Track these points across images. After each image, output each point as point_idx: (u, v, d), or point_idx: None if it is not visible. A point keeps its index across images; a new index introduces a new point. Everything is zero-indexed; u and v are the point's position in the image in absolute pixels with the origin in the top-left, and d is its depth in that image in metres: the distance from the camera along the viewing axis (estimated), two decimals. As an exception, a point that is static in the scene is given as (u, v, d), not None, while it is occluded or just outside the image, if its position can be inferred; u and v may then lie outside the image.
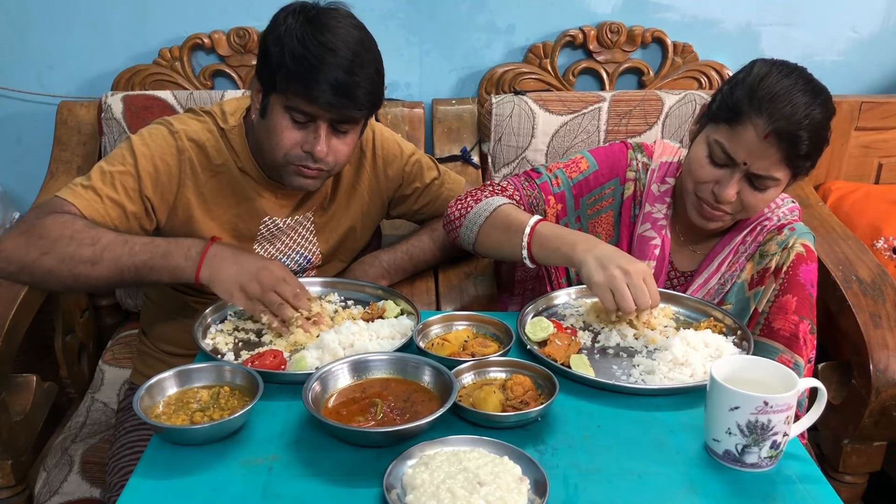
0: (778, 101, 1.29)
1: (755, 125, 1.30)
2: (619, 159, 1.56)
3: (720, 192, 1.37)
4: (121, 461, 1.48)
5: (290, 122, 1.37)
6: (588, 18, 2.19)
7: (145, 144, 1.44)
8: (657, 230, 1.51)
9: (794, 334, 1.36)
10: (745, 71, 1.37)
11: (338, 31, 1.32)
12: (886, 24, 2.27)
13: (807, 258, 1.41)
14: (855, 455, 1.73)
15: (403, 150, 1.66)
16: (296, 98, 1.34)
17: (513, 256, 1.41)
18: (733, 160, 1.34)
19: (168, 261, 1.33)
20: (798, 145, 1.30)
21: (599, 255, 1.28)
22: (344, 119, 1.38)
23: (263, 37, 1.38)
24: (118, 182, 1.40)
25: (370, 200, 1.65)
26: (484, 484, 0.93)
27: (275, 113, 1.38)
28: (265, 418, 1.12)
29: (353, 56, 1.32)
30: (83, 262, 1.30)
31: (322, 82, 1.31)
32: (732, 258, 1.49)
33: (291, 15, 1.34)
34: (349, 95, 1.33)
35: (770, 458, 1.03)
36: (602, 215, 1.57)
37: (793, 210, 1.50)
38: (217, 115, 1.51)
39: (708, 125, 1.39)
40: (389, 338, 1.30)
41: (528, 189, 1.54)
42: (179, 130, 1.46)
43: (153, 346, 1.65)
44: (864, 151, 2.23)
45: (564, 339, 1.29)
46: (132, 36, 2.16)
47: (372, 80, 1.36)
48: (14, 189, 2.27)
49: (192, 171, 1.47)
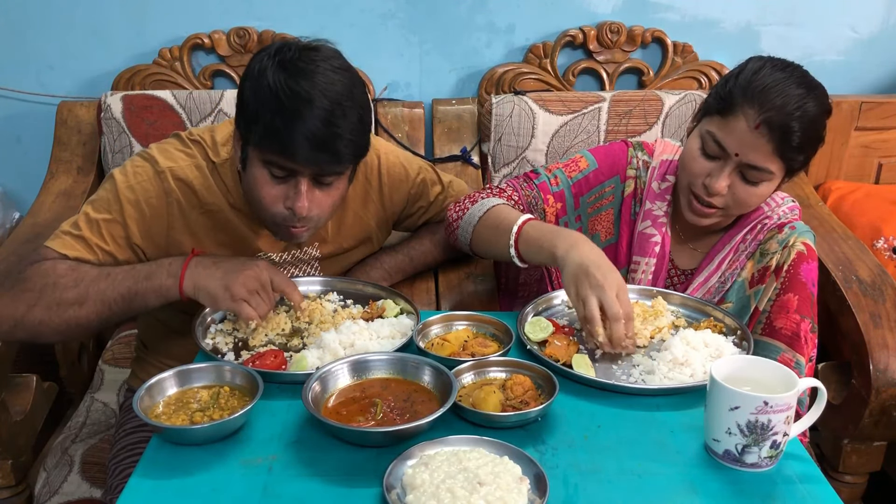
0: (770, 92, 1.29)
1: (746, 115, 1.30)
2: (619, 157, 1.56)
3: (711, 183, 1.37)
4: (121, 463, 1.47)
5: (269, 176, 1.28)
6: (588, 18, 2.19)
7: (130, 188, 1.36)
8: (657, 227, 1.51)
9: (796, 333, 1.36)
10: (739, 66, 1.38)
11: (315, 78, 1.22)
12: (886, 24, 2.27)
13: (808, 257, 1.41)
14: (855, 455, 1.73)
15: (409, 173, 1.61)
16: (272, 154, 1.25)
17: (503, 256, 1.41)
18: (725, 151, 1.34)
19: (152, 282, 1.29)
20: (790, 136, 1.30)
21: (577, 263, 1.25)
22: (325, 173, 1.29)
23: (242, 79, 1.28)
24: (105, 231, 1.35)
25: (377, 227, 1.61)
26: (484, 484, 0.93)
27: (253, 167, 1.29)
28: (265, 418, 1.12)
29: (331, 106, 1.22)
30: (70, 304, 1.27)
31: (298, 137, 1.21)
32: (733, 256, 1.49)
33: (268, 57, 1.24)
34: (328, 150, 1.23)
35: (770, 458, 1.03)
36: (602, 213, 1.57)
37: (793, 209, 1.50)
38: (207, 146, 1.42)
39: (703, 119, 1.40)
40: (389, 337, 1.30)
41: (526, 190, 1.54)
42: (165, 170, 1.38)
43: (151, 355, 1.63)
44: (864, 151, 2.23)
45: (563, 339, 1.29)
46: (132, 36, 2.16)
47: (354, 129, 1.25)
48: (14, 189, 2.27)
49: (180, 212, 1.40)
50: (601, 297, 1.23)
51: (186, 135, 1.45)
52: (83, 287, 1.28)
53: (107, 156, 2.06)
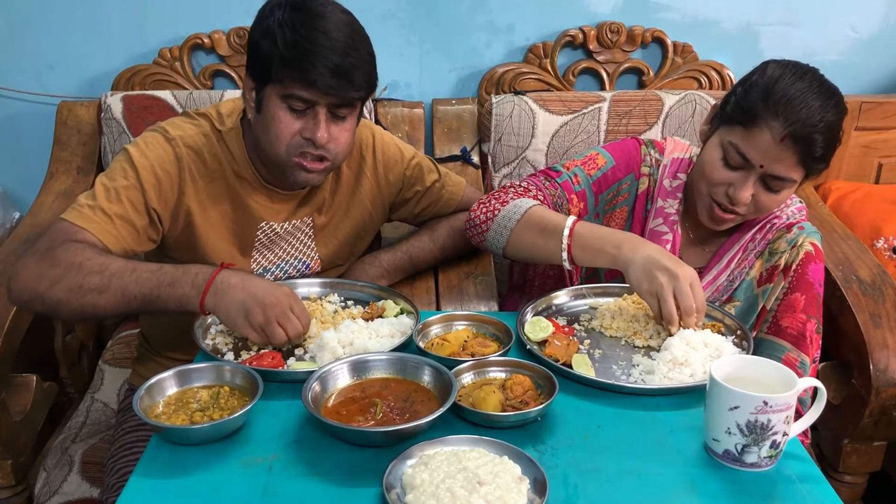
0: (793, 104, 1.29)
1: (771, 128, 1.30)
2: (633, 155, 1.56)
3: (735, 194, 1.37)
4: (120, 462, 1.47)
5: (287, 111, 1.36)
6: (588, 18, 2.19)
7: (144, 155, 1.41)
8: (669, 225, 1.51)
9: (801, 333, 1.37)
10: (758, 73, 1.37)
11: (328, 17, 1.32)
12: (886, 24, 2.27)
13: (815, 257, 1.42)
14: (855, 455, 1.73)
15: (404, 155, 1.65)
16: (293, 85, 1.33)
17: (549, 259, 1.39)
18: (749, 162, 1.34)
19: (174, 290, 1.29)
20: (813, 147, 1.30)
21: (646, 257, 1.27)
22: (343, 102, 1.36)
23: (253, 31, 1.37)
24: (124, 197, 1.38)
25: (371, 206, 1.64)
26: (484, 484, 0.93)
27: (271, 104, 1.36)
28: (265, 418, 1.12)
29: (346, 39, 1.32)
30: (91, 291, 1.28)
31: (319, 66, 1.30)
32: (742, 255, 1.49)
33: (277, 7, 1.34)
34: (347, 77, 1.33)
35: (770, 458, 1.03)
36: (616, 210, 1.56)
37: (801, 209, 1.51)
38: (213, 117, 1.49)
39: (721, 127, 1.39)
40: (389, 336, 1.30)
41: (550, 189, 1.52)
42: (175, 137, 1.44)
43: (153, 351, 1.65)
44: (864, 151, 2.23)
45: (563, 339, 1.29)
46: (132, 36, 2.16)
47: (367, 61, 1.36)
48: (14, 189, 2.27)
49: (191, 178, 1.45)
50: (676, 288, 1.24)
51: (193, 111, 1.52)
52: (106, 276, 1.29)
53: (107, 156, 2.06)
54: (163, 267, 1.32)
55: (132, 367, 1.74)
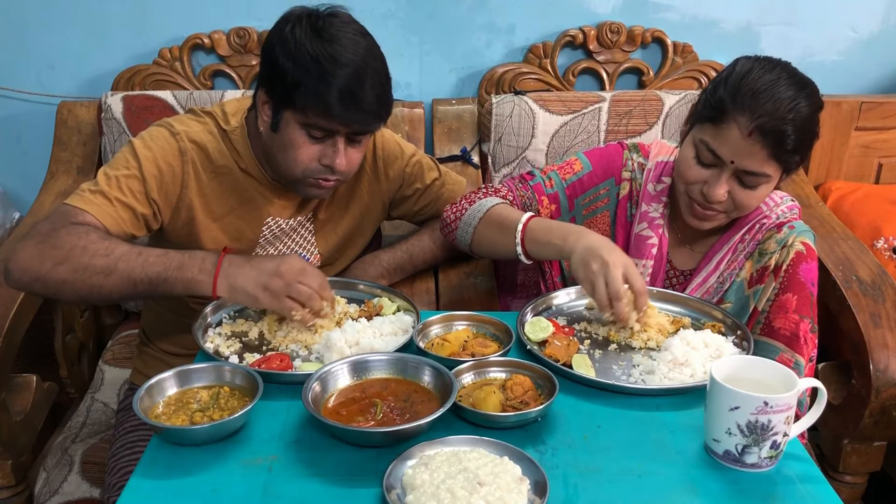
0: (760, 97, 1.28)
1: (738, 123, 1.30)
2: (614, 160, 1.56)
3: (709, 192, 1.37)
4: (120, 461, 1.48)
5: (307, 137, 1.37)
6: (588, 18, 2.19)
7: (147, 147, 1.42)
8: (654, 229, 1.51)
9: (795, 333, 1.36)
10: (728, 69, 1.36)
11: (346, 44, 1.32)
12: (886, 24, 2.27)
13: (807, 256, 1.41)
14: (855, 455, 1.73)
15: (404, 151, 1.66)
16: (315, 116, 1.34)
17: (508, 254, 1.42)
18: (720, 159, 1.34)
19: (182, 273, 1.30)
20: (784, 140, 1.29)
21: (585, 247, 1.29)
22: (363, 131, 1.39)
23: (271, 48, 1.35)
24: (124, 185, 1.39)
25: (370, 202, 1.65)
26: (484, 484, 0.93)
27: (290, 129, 1.37)
28: (265, 418, 1.12)
29: (366, 68, 1.33)
30: (97, 272, 1.28)
31: (344, 101, 1.31)
32: (731, 256, 1.49)
33: (297, 26, 1.33)
34: (370, 110, 1.35)
35: (770, 459, 1.03)
36: (598, 215, 1.57)
37: (792, 208, 1.50)
38: (218, 116, 1.50)
39: (695, 125, 1.40)
40: (392, 334, 1.31)
41: (521, 190, 1.56)
42: (181, 132, 1.45)
43: (154, 347, 1.65)
44: (864, 151, 2.23)
45: (563, 339, 1.29)
46: (132, 36, 2.16)
47: (385, 89, 1.38)
48: (14, 189, 2.27)
49: (194, 172, 1.45)
50: (606, 276, 1.24)
51: (198, 109, 1.53)
52: (112, 259, 1.29)
53: (107, 156, 2.06)
54: (168, 251, 1.33)
55: (132, 365, 1.74)
